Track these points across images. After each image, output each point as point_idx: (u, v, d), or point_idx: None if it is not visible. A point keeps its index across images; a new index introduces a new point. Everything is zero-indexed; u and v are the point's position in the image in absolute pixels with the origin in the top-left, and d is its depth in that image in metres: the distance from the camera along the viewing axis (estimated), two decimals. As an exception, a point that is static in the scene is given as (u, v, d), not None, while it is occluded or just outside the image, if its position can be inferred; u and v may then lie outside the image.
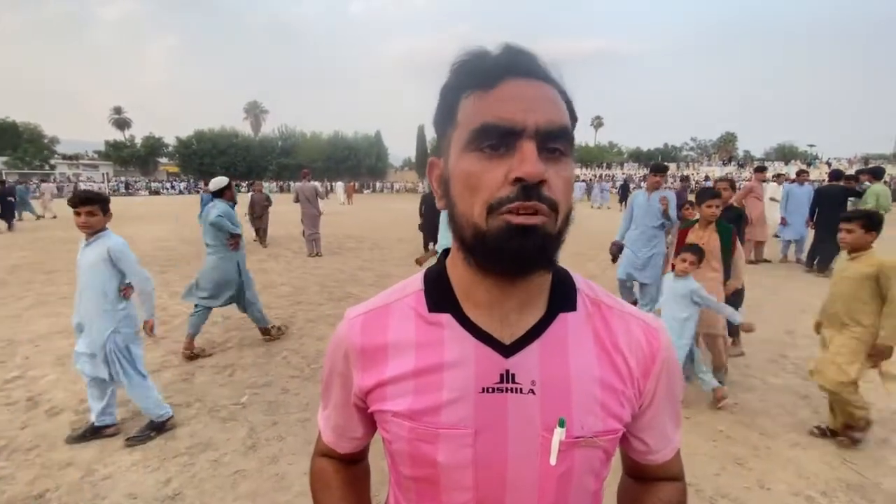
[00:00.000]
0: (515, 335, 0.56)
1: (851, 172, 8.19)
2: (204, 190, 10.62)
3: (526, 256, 0.50)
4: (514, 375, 0.55)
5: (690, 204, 4.99)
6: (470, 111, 0.52)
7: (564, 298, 0.60)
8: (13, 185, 16.96)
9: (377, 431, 0.67)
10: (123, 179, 46.33)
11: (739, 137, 63.91)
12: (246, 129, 63.19)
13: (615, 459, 0.65)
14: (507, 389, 0.55)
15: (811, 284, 6.89)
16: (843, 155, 51.13)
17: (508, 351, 0.56)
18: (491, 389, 0.55)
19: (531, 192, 0.48)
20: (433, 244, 9.95)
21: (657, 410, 0.62)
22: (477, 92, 0.51)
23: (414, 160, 61.21)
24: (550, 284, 0.59)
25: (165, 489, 2.40)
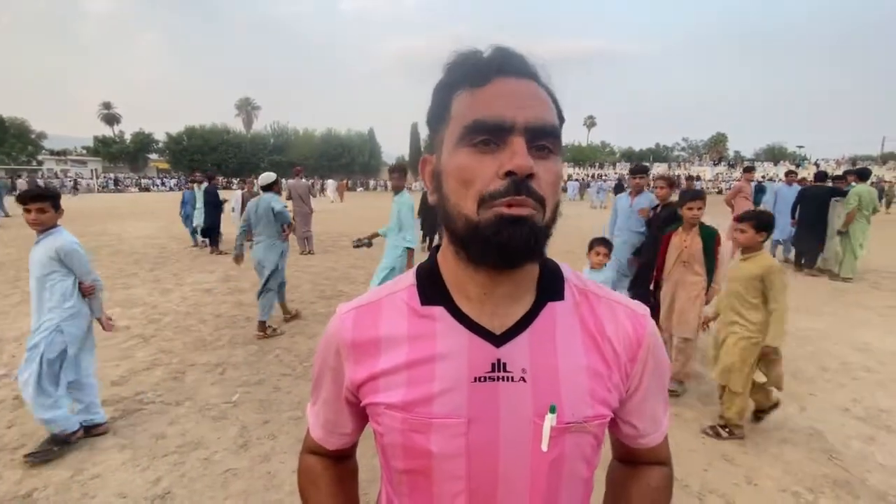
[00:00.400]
0: (506, 325, 0.58)
1: (839, 173, 8.36)
2: (187, 187, 10.23)
3: (515, 246, 0.51)
4: (505, 364, 0.57)
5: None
6: (462, 108, 0.53)
7: (552, 288, 0.61)
8: None
9: (366, 427, 0.68)
10: (112, 176, 45.72)
11: (730, 138, 64.57)
12: (238, 125, 62.52)
13: (605, 449, 0.66)
14: (498, 378, 0.56)
15: (798, 284, 6.99)
16: (831, 156, 51.92)
17: (499, 341, 0.57)
18: (483, 378, 0.56)
19: (521, 186, 0.50)
20: (428, 241, 10.10)
21: (645, 394, 0.64)
22: (469, 89, 0.53)
23: (407, 158, 61.08)
24: (539, 275, 0.61)
25: (155, 488, 2.38)
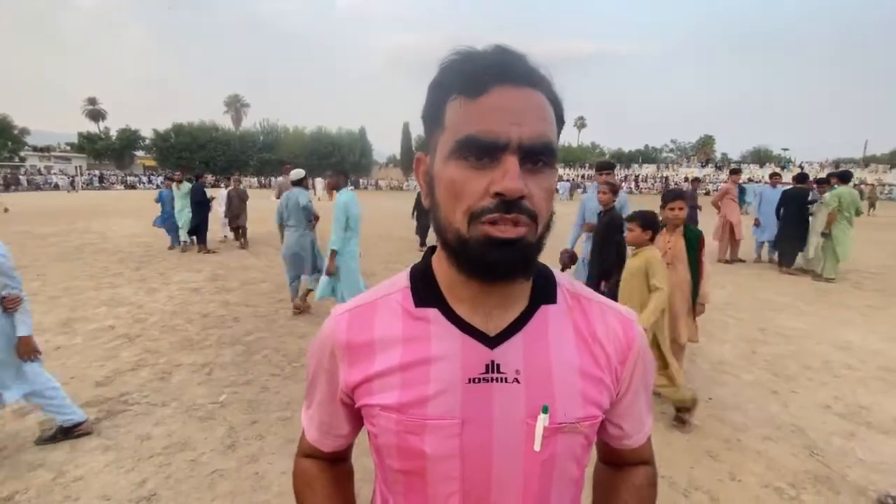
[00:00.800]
0: (499, 327, 0.58)
1: (823, 175, 8.59)
2: (165, 185, 9.81)
3: (504, 269, 0.51)
4: (499, 366, 0.57)
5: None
6: (456, 119, 0.52)
7: (545, 292, 0.62)
8: None
9: (362, 430, 0.68)
10: (97, 173, 44.95)
11: (717, 140, 65.46)
12: (227, 123, 61.85)
13: (593, 448, 0.67)
14: (492, 379, 0.57)
15: (783, 284, 7.11)
16: (815, 159, 52.93)
17: (493, 342, 0.57)
18: (477, 380, 0.57)
19: (511, 205, 0.49)
20: (419, 240, 10.20)
21: (633, 397, 0.65)
22: (464, 98, 0.51)
23: (399, 157, 60.93)
24: (532, 280, 0.62)
25: (140, 490, 2.35)
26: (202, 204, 9.11)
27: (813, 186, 8.03)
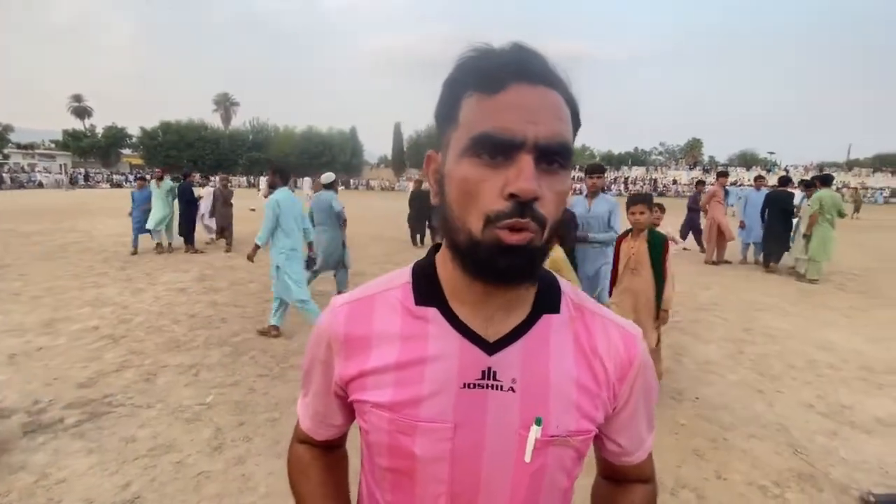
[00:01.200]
0: (499, 333, 0.57)
1: (807, 178, 8.79)
2: (138, 185, 9.16)
3: (512, 275, 0.51)
4: (495, 373, 0.56)
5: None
6: (471, 115, 0.51)
7: (549, 301, 0.61)
8: None
9: (354, 422, 0.67)
10: (83, 171, 44.17)
11: (705, 143, 66.23)
12: (216, 121, 61.19)
13: (589, 459, 0.66)
14: (488, 386, 0.56)
15: (769, 285, 7.23)
16: (800, 162, 53.86)
17: (492, 349, 0.57)
18: (472, 385, 0.56)
19: (524, 208, 0.48)
20: (418, 237, 10.32)
21: (631, 413, 0.64)
22: (480, 94, 0.50)
23: (390, 157, 60.75)
24: (536, 287, 0.61)
25: (124, 493, 2.31)
26: (191, 203, 9.00)
27: (794, 190, 8.23)
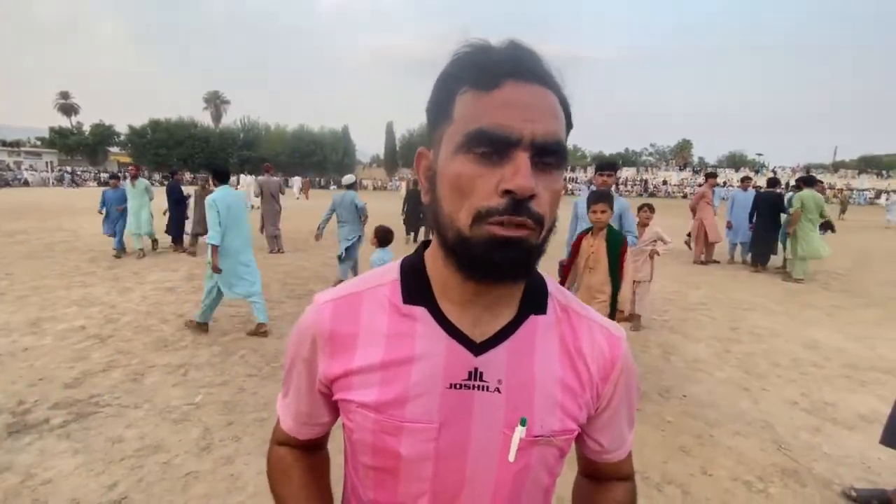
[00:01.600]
0: (486, 334, 0.57)
1: (794, 178, 8.98)
2: (111, 184, 8.66)
3: (507, 269, 0.50)
4: (482, 374, 0.56)
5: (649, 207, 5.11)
6: (466, 111, 0.50)
7: (536, 301, 0.61)
8: None
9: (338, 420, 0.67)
10: (69, 169, 43.47)
11: (695, 145, 67.05)
12: (206, 119, 60.60)
13: (570, 454, 0.67)
14: (474, 387, 0.56)
15: (756, 284, 7.33)
16: (787, 164, 54.64)
17: (478, 349, 0.57)
18: (458, 386, 0.56)
19: (520, 205, 0.47)
20: (413, 235, 10.36)
21: (613, 413, 0.65)
22: (476, 91, 0.50)
23: (382, 157, 60.58)
24: (524, 287, 0.61)
25: (111, 493, 2.29)
26: (179, 202, 8.90)
27: (781, 190, 8.36)
